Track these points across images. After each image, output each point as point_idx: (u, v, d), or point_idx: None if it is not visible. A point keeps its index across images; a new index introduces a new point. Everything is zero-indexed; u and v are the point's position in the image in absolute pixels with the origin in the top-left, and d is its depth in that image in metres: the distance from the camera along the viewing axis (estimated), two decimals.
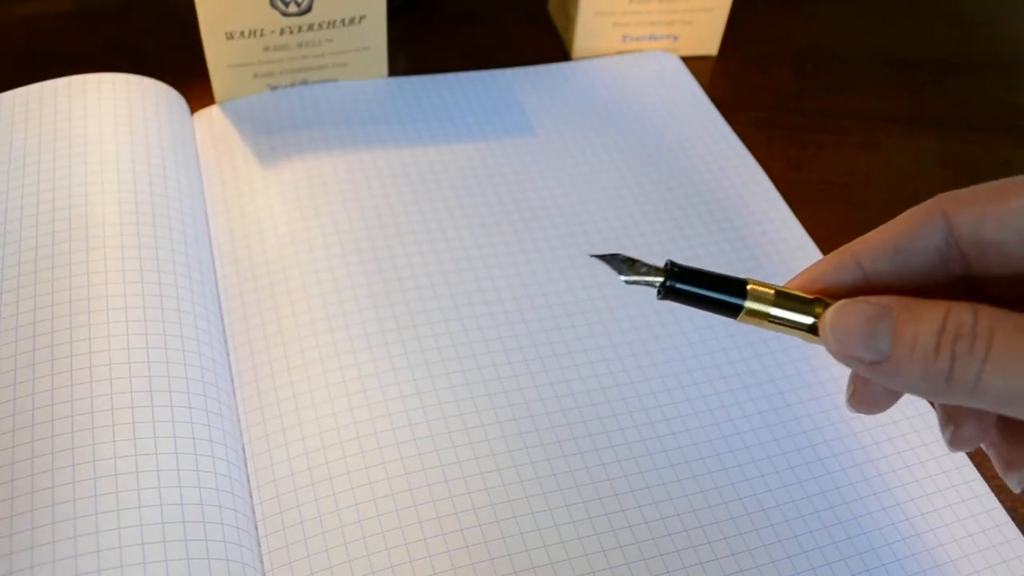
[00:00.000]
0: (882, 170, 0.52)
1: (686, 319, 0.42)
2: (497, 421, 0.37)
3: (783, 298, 0.24)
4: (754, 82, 0.57)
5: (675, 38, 0.57)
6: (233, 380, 0.38)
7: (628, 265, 0.25)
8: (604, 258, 0.25)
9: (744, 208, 0.47)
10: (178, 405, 0.35)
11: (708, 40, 0.57)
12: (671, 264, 0.24)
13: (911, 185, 0.51)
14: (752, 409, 0.39)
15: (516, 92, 0.52)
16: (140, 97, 0.46)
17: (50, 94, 0.45)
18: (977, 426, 0.25)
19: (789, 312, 0.24)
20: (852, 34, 0.61)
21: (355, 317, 0.40)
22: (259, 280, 0.41)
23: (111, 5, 0.57)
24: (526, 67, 0.54)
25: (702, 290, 0.24)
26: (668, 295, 0.24)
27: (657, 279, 0.24)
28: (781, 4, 0.63)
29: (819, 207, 0.49)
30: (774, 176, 0.50)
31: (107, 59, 0.48)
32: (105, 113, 0.44)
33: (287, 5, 0.46)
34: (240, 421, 0.37)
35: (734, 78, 0.57)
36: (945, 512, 0.36)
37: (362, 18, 0.49)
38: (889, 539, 0.35)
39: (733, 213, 0.47)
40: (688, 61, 0.57)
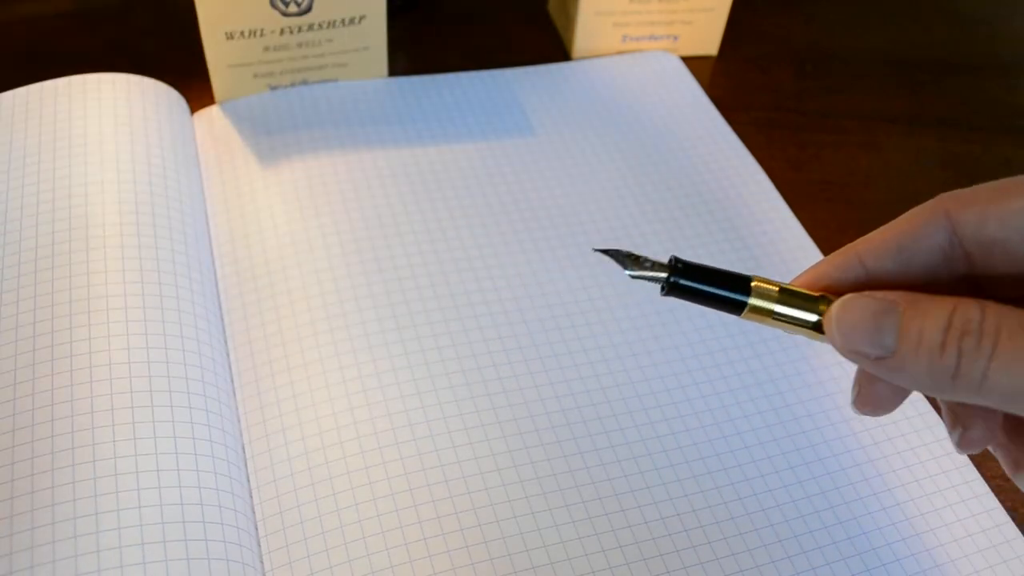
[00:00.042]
0: (882, 170, 0.52)
1: (686, 319, 0.42)
2: (497, 421, 0.37)
3: (787, 295, 0.24)
4: (754, 82, 0.57)
5: (675, 38, 0.57)
6: (233, 380, 0.38)
7: (632, 260, 0.25)
8: (609, 252, 0.25)
9: (744, 208, 0.47)
10: (178, 405, 0.35)
11: (708, 40, 0.57)
12: (675, 260, 0.24)
13: (911, 185, 0.51)
14: (752, 409, 0.39)
15: (516, 92, 0.52)
16: (140, 97, 0.46)
17: (50, 94, 0.45)
18: (985, 427, 0.25)
19: (793, 309, 0.24)
20: (852, 34, 0.61)
21: (355, 317, 0.40)
22: (259, 280, 0.41)
23: (111, 5, 0.57)
24: (526, 67, 0.54)
25: (706, 286, 0.24)
26: (672, 291, 0.24)
27: (661, 275, 0.24)
28: (781, 4, 0.63)
29: (819, 207, 0.49)
30: (774, 176, 0.50)
31: (107, 59, 0.48)
32: (105, 113, 0.44)
33: (287, 5, 0.46)
34: (240, 421, 0.37)
35: (734, 78, 0.57)
36: (945, 512, 0.36)
37: (362, 18, 0.49)
38: (889, 539, 0.35)
39: (733, 213, 0.47)
40: (688, 61, 0.57)
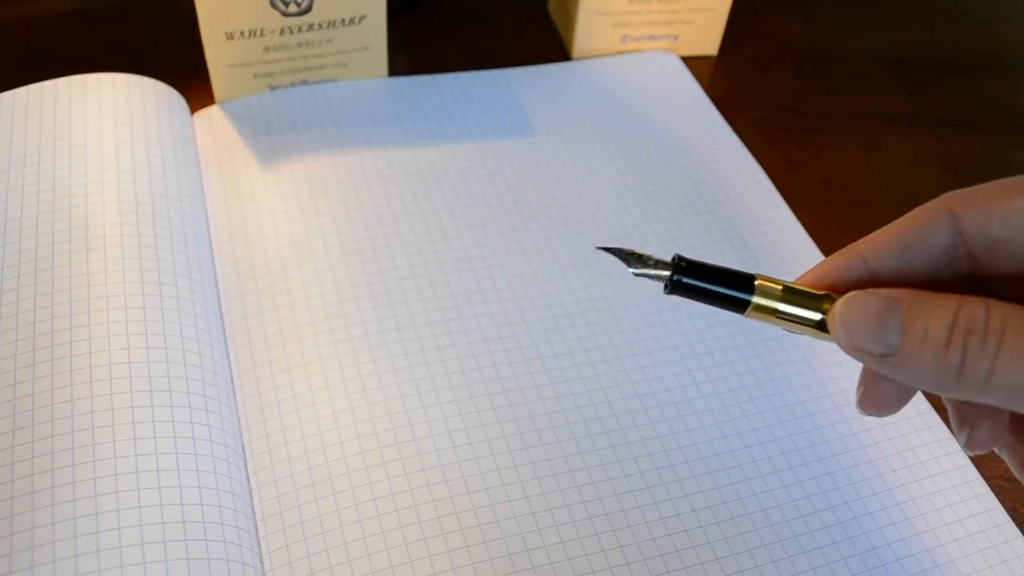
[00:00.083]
0: (882, 170, 0.52)
1: (686, 319, 0.42)
2: (497, 421, 0.37)
3: (791, 294, 0.24)
4: (754, 82, 0.57)
5: (675, 38, 0.57)
6: (233, 380, 0.38)
7: (636, 258, 0.25)
8: (612, 250, 0.25)
9: (744, 208, 0.47)
10: (178, 405, 0.35)
11: (708, 40, 0.57)
12: (678, 258, 0.24)
13: (911, 185, 0.51)
14: (752, 409, 0.39)
15: (516, 92, 0.52)
16: (140, 97, 0.46)
17: (50, 94, 0.45)
18: (992, 427, 0.25)
19: (797, 307, 0.24)
20: (852, 34, 0.61)
21: (355, 317, 0.40)
22: (259, 280, 0.41)
23: (111, 5, 0.57)
24: (526, 67, 0.54)
25: (709, 285, 0.24)
26: (675, 289, 0.24)
27: (665, 273, 0.24)
28: (781, 4, 0.63)
29: (819, 207, 0.49)
30: (774, 176, 0.50)
31: (107, 59, 0.48)
32: (105, 113, 0.44)
33: (287, 5, 0.46)
34: (240, 421, 0.37)
35: (734, 78, 0.57)
36: (945, 512, 0.36)
37: (362, 18, 0.49)
38: (889, 539, 0.35)
39: (733, 213, 0.47)
40: (688, 61, 0.57)
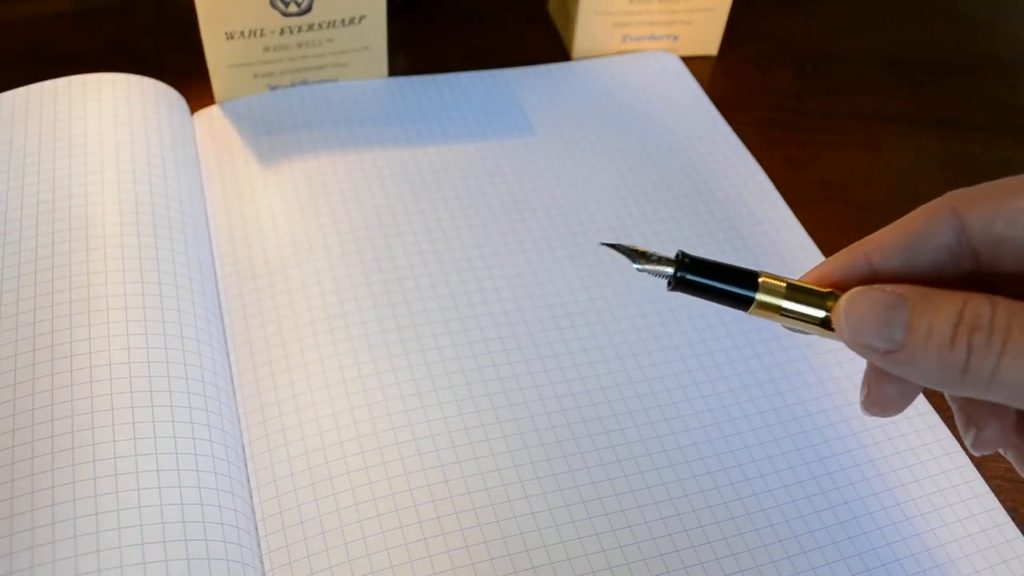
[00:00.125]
0: (882, 170, 0.52)
1: (686, 319, 0.42)
2: (497, 421, 0.37)
3: (795, 291, 0.24)
4: (754, 82, 0.57)
5: (675, 38, 0.57)
6: (233, 380, 0.38)
7: (640, 255, 0.25)
8: (616, 247, 0.25)
9: (744, 208, 0.47)
10: (178, 405, 0.35)
11: (708, 40, 0.57)
12: (682, 255, 0.24)
13: (911, 185, 0.51)
14: (752, 409, 0.39)
15: (516, 92, 0.52)
16: (140, 97, 0.46)
17: (50, 94, 0.45)
18: (999, 427, 0.25)
19: (801, 305, 0.24)
20: (852, 34, 0.61)
21: (355, 317, 0.40)
22: (259, 280, 0.41)
23: (111, 5, 0.57)
24: (526, 67, 0.54)
25: (713, 281, 0.24)
26: (679, 286, 0.24)
27: (668, 269, 0.24)
28: (781, 4, 0.63)
29: (819, 207, 0.49)
30: (774, 176, 0.50)
31: (107, 59, 0.48)
32: (105, 113, 0.44)
33: (287, 5, 0.46)
34: (240, 421, 0.37)
35: (734, 78, 0.57)
36: (945, 512, 0.36)
37: (362, 18, 0.49)
38: (889, 539, 0.35)
39: (733, 213, 0.47)
40: (688, 61, 0.57)
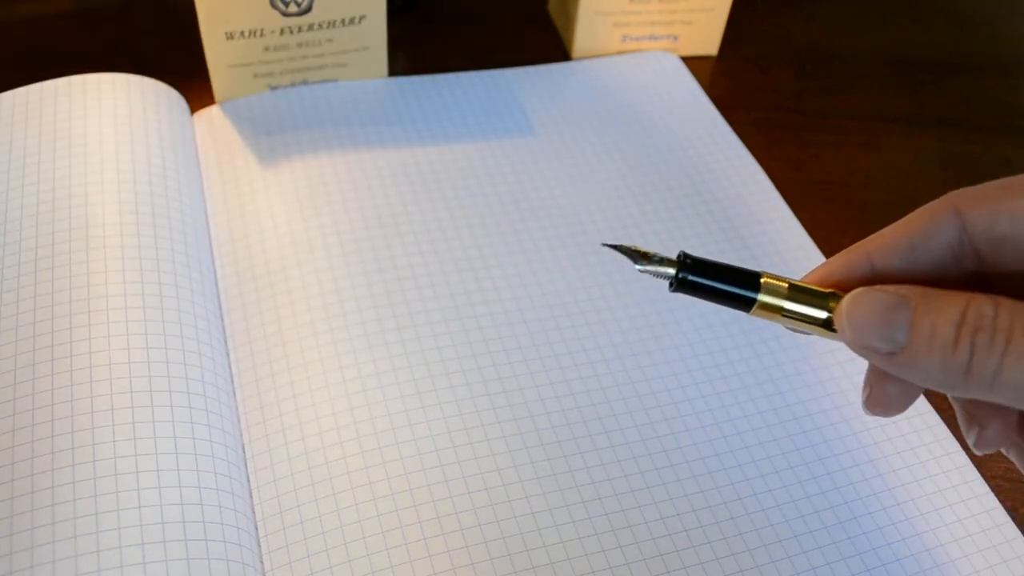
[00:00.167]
0: (882, 170, 0.52)
1: (686, 319, 0.42)
2: (497, 421, 0.37)
3: (797, 291, 0.24)
4: (754, 82, 0.57)
5: (675, 38, 0.57)
6: (233, 380, 0.38)
7: (641, 255, 0.24)
8: (617, 247, 0.25)
9: (744, 208, 0.47)
10: (178, 405, 0.35)
11: (708, 40, 0.57)
12: (684, 256, 0.24)
13: (911, 185, 0.51)
14: (752, 409, 0.39)
15: (516, 92, 0.52)
16: (140, 97, 0.46)
17: (50, 94, 0.45)
18: (1001, 427, 0.25)
19: (803, 306, 0.24)
20: (852, 34, 0.61)
21: (355, 317, 0.40)
22: (259, 280, 0.41)
23: (111, 5, 0.57)
24: (526, 67, 0.54)
25: (715, 282, 0.24)
26: (681, 287, 0.24)
27: (670, 270, 0.24)
28: (781, 4, 0.63)
29: (819, 207, 0.49)
30: (774, 176, 0.50)
31: (107, 59, 0.48)
32: (105, 113, 0.44)
33: (287, 5, 0.46)
34: (240, 421, 0.37)
35: (734, 78, 0.57)
36: (945, 512, 0.36)
37: (362, 18, 0.49)
38: (889, 539, 0.35)
39: (733, 213, 0.47)
40: (688, 61, 0.57)
